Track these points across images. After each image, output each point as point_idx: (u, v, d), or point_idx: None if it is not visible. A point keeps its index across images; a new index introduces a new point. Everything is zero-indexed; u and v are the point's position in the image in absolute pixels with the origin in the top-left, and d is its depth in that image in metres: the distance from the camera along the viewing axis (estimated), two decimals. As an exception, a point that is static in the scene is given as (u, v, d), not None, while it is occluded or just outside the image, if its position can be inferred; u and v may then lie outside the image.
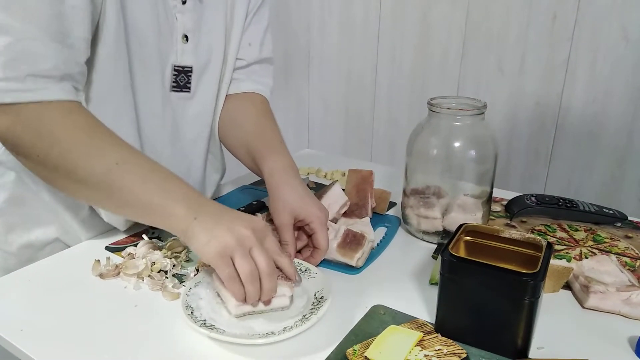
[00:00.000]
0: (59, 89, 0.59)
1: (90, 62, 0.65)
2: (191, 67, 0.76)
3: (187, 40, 0.74)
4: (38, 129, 0.58)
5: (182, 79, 0.75)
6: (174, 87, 0.75)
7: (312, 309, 0.59)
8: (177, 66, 0.74)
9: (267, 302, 0.59)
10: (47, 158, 0.59)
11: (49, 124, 0.59)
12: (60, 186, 0.64)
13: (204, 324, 0.56)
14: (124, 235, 0.79)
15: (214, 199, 0.93)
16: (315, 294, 0.62)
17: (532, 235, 0.60)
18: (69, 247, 0.77)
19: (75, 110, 0.61)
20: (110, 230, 0.80)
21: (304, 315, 0.58)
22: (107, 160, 0.59)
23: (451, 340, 0.56)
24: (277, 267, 0.59)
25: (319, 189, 0.91)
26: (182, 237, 0.59)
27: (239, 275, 0.56)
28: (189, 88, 0.77)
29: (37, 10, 0.56)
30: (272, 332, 0.55)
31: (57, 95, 0.59)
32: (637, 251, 0.77)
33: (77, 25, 0.60)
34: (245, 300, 0.57)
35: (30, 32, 0.56)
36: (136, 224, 0.80)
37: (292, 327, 0.56)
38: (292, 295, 0.61)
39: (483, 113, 0.75)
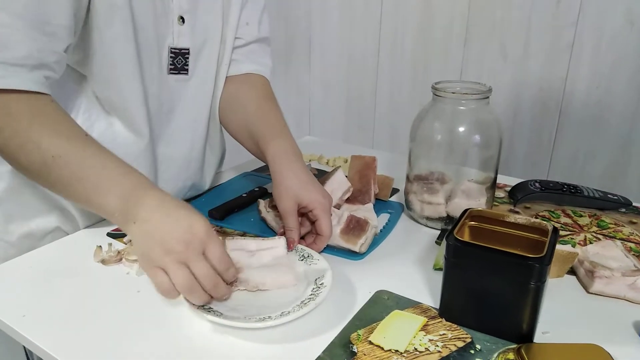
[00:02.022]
0: (29, 78, 0.58)
1: (95, 47, 0.65)
2: (188, 49, 0.75)
3: (183, 21, 0.73)
4: None
5: (179, 61, 0.75)
6: (171, 69, 0.75)
7: (311, 294, 0.59)
8: (174, 48, 0.73)
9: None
10: None
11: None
12: (18, 170, 0.64)
13: (202, 307, 0.56)
14: (126, 222, 0.78)
15: (217, 186, 0.93)
16: (315, 280, 0.62)
17: (537, 220, 0.59)
18: (68, 235, 0.77)
19: (42, 107, 0.59)
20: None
21: (302, 301, 0.58)
22: (43, 153, 0.57)
23: (455, 325, 0.56)
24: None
25: (321, 176, 0.90)
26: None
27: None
28: (187, 70, 0.76)
29: None
30: (269, 317, 0.55)
31: (24, 85, 0.57)
32: (641, 236, 0.76)
33: (58, 13, 0.58)
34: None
35: (4, 19, 0.55)
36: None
37: (289, 312, 0.56)
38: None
39: (488, 97, 0.74)
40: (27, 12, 0.56)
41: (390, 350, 0.52)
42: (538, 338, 0.55)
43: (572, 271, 0.67)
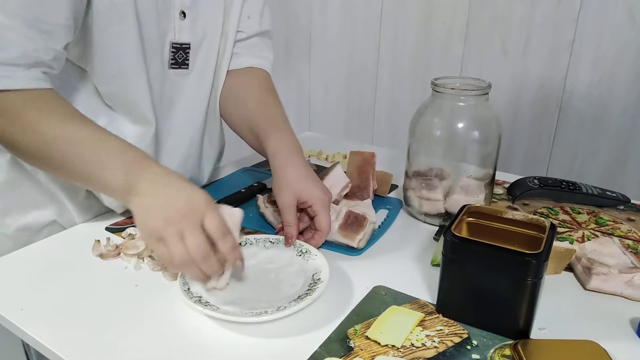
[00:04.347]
0: (26, 76, 0.58)
1: (95, 43, 0.65)
2: (189, 44, 0.75)
3: (184, 16, 0.73)
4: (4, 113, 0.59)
5: (180, 55, 0.74)
6: (172, 64, 0.74)
7: (308, 290, 0.59)
8: (176, 43, 0.73)
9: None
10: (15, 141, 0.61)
11: (11, 109, 0.59)
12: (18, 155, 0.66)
13: (199, 300, 0.56)
14: (122, 217, 0.78)
15: (215, 181, 0.93)
16: (313, 276, 0.62)
17: (535, 217, 0.59)
18: (66, 229, 0.77)
19: (36, 96, 0.60)
20: (106, 212, 0.79)
21: (299, 296, 0.58)
22: (43, 135, 0.59)
23: (452, 321, 0.56)
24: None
25: (320, 171, 0.90)
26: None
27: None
28: (187, 65, 0.76)
29: None
30: (266, 311, 0.55)
31: (22, 84, 0.58)
32: (639, 234, 0.76)
33: (56, 11, 0.58)
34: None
35: (1, 18, 0.55)
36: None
37: (285, 307, 0.56)
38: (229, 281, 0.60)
39: (487, 94, 0.74)
40: (24, 11, 0.56)
41: (387, 345, 0.53)
42: (534, 334, 0.55)
43: (570, 268, 0.67)
